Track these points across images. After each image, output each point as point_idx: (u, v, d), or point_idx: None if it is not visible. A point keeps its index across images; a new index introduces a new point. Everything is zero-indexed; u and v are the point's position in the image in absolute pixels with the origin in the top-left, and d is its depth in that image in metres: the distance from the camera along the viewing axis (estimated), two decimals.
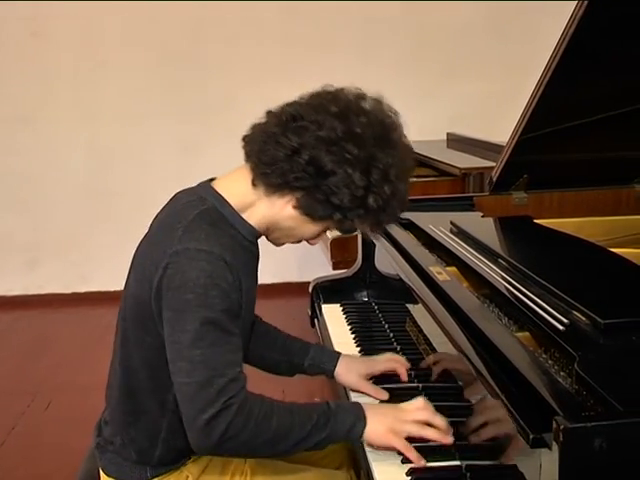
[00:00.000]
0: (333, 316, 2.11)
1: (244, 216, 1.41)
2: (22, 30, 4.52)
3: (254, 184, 1.38)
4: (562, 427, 0.90)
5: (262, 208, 1.40)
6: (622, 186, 2.17)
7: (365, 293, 2.20)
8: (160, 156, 4.62)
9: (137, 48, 4.56)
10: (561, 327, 1.20)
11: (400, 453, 1.35)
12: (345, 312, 2.12)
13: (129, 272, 1.47)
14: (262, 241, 1.49)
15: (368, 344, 1.89)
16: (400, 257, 1.80)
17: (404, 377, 1.62)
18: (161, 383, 1.39)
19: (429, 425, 1.36)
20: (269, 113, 1.39)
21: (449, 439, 1.34)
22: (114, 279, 4.89)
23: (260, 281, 1.72)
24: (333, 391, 1.85)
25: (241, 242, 1.40)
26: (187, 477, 1.49)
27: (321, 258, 4.28)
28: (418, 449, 1.36)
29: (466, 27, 4.61)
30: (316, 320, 2.17)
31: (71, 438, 2.90)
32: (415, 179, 3.15)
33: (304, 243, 1.51)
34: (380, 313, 2.07)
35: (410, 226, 2.03)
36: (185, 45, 4.56)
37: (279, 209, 1.38)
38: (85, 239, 4.75)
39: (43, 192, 4.72)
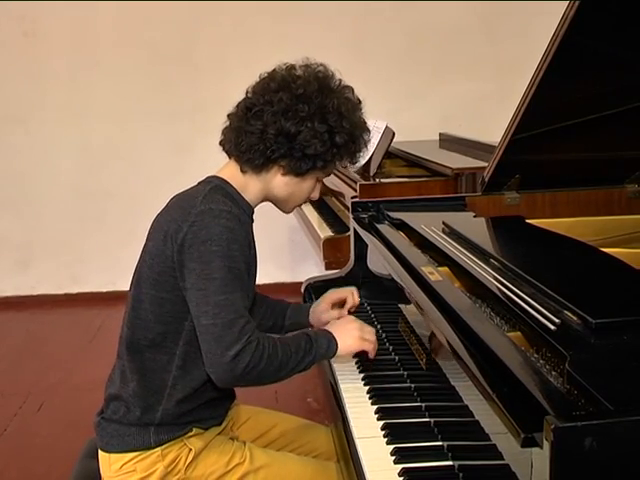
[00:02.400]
0: None
1: (243, 194, 1.63)
2: (14, 30, 4.51)
3: (243, 171, 1.63)
4: (553, 426, 0.90)
5: (257, 184, 1.64)
6: (613, 186, 2.17)
7: (358, 293, 2.20)
8: (152, 156, 4.61)
9: (129, 48, 4.55)
10: (552, 327, 1.20)
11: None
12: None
13: (145, 243, 1.62)
14: (255, 238, 1.55)
15: None
16: (392, 257, 1.80)
17: (349, 306, 1.91)
18: (173, 337, 1.56)
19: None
20: (229, 115, 1.65)
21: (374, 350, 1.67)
22: (106, 280, 4.92)
23: None
24: (325, 390, 1.86)
25: (241, 215, 1.59)
26: (190, 450, 1.58)
27: (314, 258, 4.28)
28: (410, 449, 1.36)
29: (458, 27, 4.62)
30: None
31: (64, 439, 2.90)
32: (407, 179, 3.15)
33: (296, 243, 1.60)
34: (372, 313, 2.07)
35: (402, 226, 2.04)
36: (177, 45, 4.55)
37: (271, 181, 1.64)
38: (77, 240, 4.74)
39: (35, 192, 4.72)
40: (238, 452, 1.63)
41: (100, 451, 1.61)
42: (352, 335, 1.65)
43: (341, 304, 1.91)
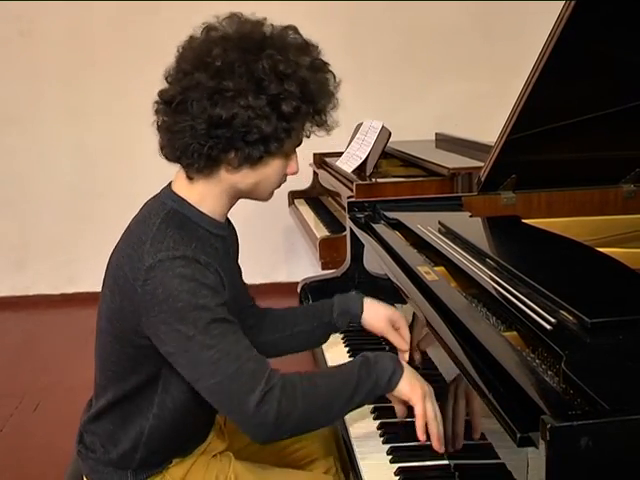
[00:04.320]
0: None
1: (204, 209, 1.38)
2: (10, 30, 4.50)
3: (190, 178, 1.36)
4: (549, 426, 0.90)
5: (214, 192, 1.38)
6: (609, 186, 2.17)
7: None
8: (148, 157, 4.56)
9: (126, 48, 4.54)
10: (548, 326, 1.21)
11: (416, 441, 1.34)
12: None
13: (103, 283, 1.43)
14: (251, 238, 1.49)
15: (357, 344, 1.90)
16: (388, 257, 1.80)
17: (404, 358, 1.57)
18: (145, 389, 1.40)
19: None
20: (156, 111, 1.37)
21: (442, 448, 1.33)
22: (102, 280, 4.89)
23: (249, 281, 1.71)
24: None
25: (209, 240, 1.38)
26: None
27: (310, 258, 4.28)
28: (406, 449, 1.36)
29: (454, 27, 4.62)
30: None
31: (59, 440, 2.88)
32: (404, 179, 3.16)
33: (292, 243, 1.52)
34: None
35: (398, 226, 2.04)
36: (173, 45, 4.54)
37: (227, 181, 1.36)
38: (73, 240, 4.73)
39: (30, 193, 4.71)
40: (222, 473, 1.49)
41: (84, 477, 1.53)
42: (422, 383, 1.36)
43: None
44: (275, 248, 4.81)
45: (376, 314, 1.62)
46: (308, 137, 1.40)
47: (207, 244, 1.36)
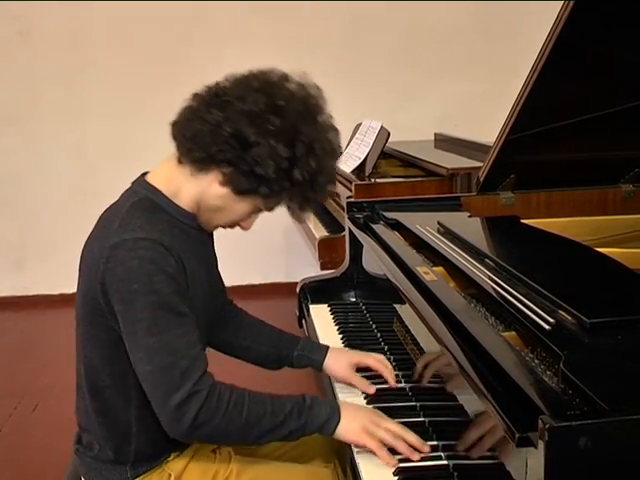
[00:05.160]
0: (321, 316, 2.10)
1: (177, 202, 1.42)
2: (9, 30, 4.50)
3: (180, 162, 1.40)
4: (547, 426, 0.90)
5: (190, 189, 1.41)
6: (608, 186, 2.18)
7: (353, 293, 2.20)
8: (148, 157, 4.57)
9: (125, 48, 4.54)
10: (547, 326, 1.21)
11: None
12: (333, 312, 2.12)
13: (79, 272, 1.46)
14: (250, 238, 1.50)
15: (356, 344, 1.89)
16: (387, 257, 1.80)
17: (390, 382, 1.61)
18: (122, 379, 1.41)
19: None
20: (195, 95, 1.42)
21: (416, 456, 1.34)
22: None
23: (248, 282, 1.71)
24: (318, 383, 1.85)
25: (179, 226, 1.41)
26: (169, 475, 1.48)
27: (309, 258, 4.27)
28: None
29: (453, 27, 4.62)
30: (304, 320, 2.17)
31: (58, 440, 2.88)
32: (403, 179, 3.16)
33: (292, 243, 1.52)
34: (368, 313, 2.07)
35: (397, 226, 2.04)
36: (172, 45, 4.54)
37: (206, 187, 1.39)
38: (72, 240, 4.68)
39: (29, 193, 4.70)
40: (222, 467, 1.50)
41: (82, 477, 1.54)
42: (360, 424, 1.37)
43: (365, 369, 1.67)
44: (274, 248, 4.80)
45: (337, 362, 1.66)
46: (271, 210, 1.45)
47: (176, 229, 1.40)
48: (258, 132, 1.31)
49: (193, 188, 1.41)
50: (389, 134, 3.20)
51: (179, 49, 4.54)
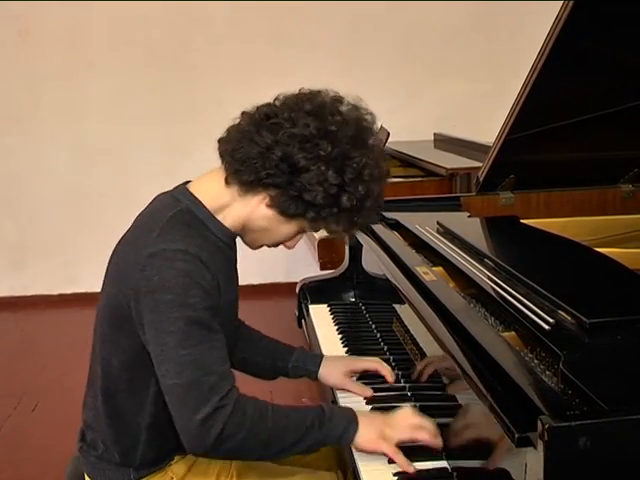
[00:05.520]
0: (320, 316, 2.11)
1: (219, 217, 1.41)
2: (8, 30, 4.49)
3: (227, 182, 1.38)
4: (547, 426, 0.90)
5: (237, 208, 1.40)
6: (607, 186, 2.18)
7: (352, 293, 2.20)
8: (146, 157, 4.60)
9: (124, 48, 4.54)
10: (546, 326, 1.21)
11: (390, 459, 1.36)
12: (332, 312, 2.12)
13: (106, 273, 1.46)
14: (243, 245, 1.50)
15: (355, 344, 1.90)
16: (387, 257, 1.80)
17: (389, 378, 1.62)
18: (139, 385, 1.40)
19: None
20: (244, 114, 1.40)
21: (439, 441, 1.35)
22: (100, 280, 4.86)
23: (247, 282, 1.71)
24: (320, 392, 1.85)
25: (216, 243, 1.40)
26: (172, 478, 1.49)
27: (308, 259, 4.27)
28: (405, 450, 1.36)
29: (453, 27, 4.62)
30: (303, 321, 2.17)
31: (58, 440, 2.88)
32: (402, 179, 3.16)
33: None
34: (367, 313, 2.07)
35: (397, 226, 2.04)
36: (172, 46, 4.54)
37: (253, 208, 1.38)
38: (71, 240, 4.73)
39: (29, 193, 4.70)
40: (224, 471, 1.51)
41: (85, 475, 1.54)
42: (377, 431, 1.37)
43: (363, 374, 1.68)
44: (273, 248, 4.80)
45: (331, 371, 1.66)
46: (317, 231, 1.48)
47: (212, 247, 1.38)
48: (308, 157, 1.30)
49: (240, 208, 1.40)
50: (388, 134, 3.19)
51: (178, 49, 4.54)
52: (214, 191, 1.41)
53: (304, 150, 1.30)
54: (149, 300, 1.29)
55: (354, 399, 1.61)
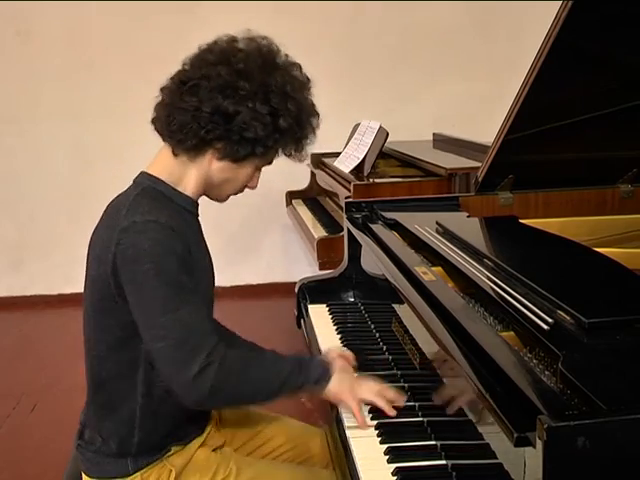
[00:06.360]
0: (319, 316, 2.11)
1: (179, 189, 1.49)
2: (7, 29, 4.49)
3: (175, 154, 1.47)
4: (546, 426, 0.90)
5: (193, 174, 1.48)
6: (606, 186, 2.18)
7: (351, 293, 2.20)
8: (146, 157, 4.58)
9: (123, 48, 4.54)
10: (545, 326, 1.21)
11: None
12: (331, 312, 2.12)
13: (86, 265, 1.52)
14: (249, 238, 1.52)
15: (354, 344, 1.89)
16: (386, 257, 1.80)
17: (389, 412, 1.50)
18: (129, 365, 1.45)
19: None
20: (162, 89, 1.51)
21: (393, 412, 1.46)
22: None
23: (247, 282, 1.72)
24: None
25: (182, 213, 1.47)
26: (170, 470, 1.50)
27: (307, 258, 4.28)
28: (404, 449, 1.37)
29: (452, 27, 4.62)
30: (302, 320, 2.17)
31: (57, 440, 2.89)
32: (401, 179, 3.16)
33: (290, 243, 1.54)
34: (366, 313, 2.07)
35: (396, 226, 2.04)
36: (171, 45, 4.54)
37: (207, 167, 1.47)
38: (70, 240, 4.71)
39: (28, 193, 4.70)
40: (222, 465, 1.53)
41: (83, 474, 1.55)
42: (349, 385, 1.47)
43: None
44: (273, 248, 4.80)
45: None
46: (271, 163, 1.54)
47: (180, 217, 1.45)
48: (234, 101, 1.38)
49: (195, 172, 1.48)
50: (387, 134, 3.20)
51: (177, 49, 4.52)
52: (168, 167, 1.49)
53: (227, 97, 1.38)
54: (127, 272, 1.36)
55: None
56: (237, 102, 1.38)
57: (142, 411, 1.47)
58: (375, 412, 1.56)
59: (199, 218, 1.57)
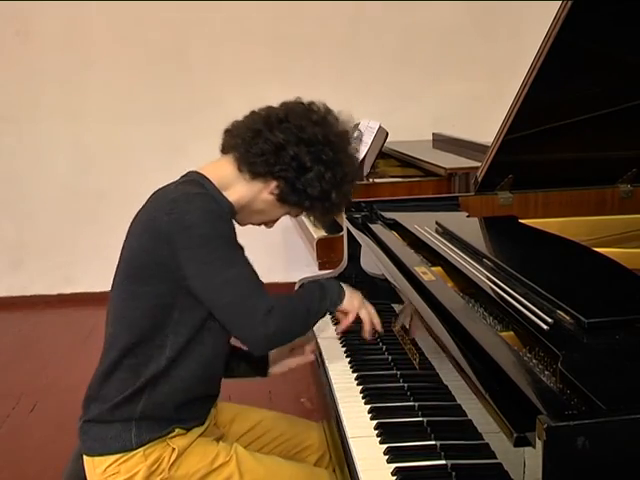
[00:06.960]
0: None
1: (224, 194, 1.59)
2: (6, 29, 4.49)
3: (240, 170, 1.59)
4: (545, 426, 0.90)
5: (242, 190, 1.60)
6: (606, 186, 2.18)
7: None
8: (146, 156, 4.60)
9: (123, 48, 4.54)
10: (545, 326, 1.21)
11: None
12: (331, 312, 2.11)
13: (124, 244, 1.59)
14: (248, 239, 1.54)
15: (354, 344, 1.90)
16: (385, 257, 1.80)
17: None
18: (161, 329, 1.53)
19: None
20: (253, 112, 1.62)
21: (369, 336, 1.66)
22: (99, 280, 4.89)
23: None
24: (318, 392, 1.86)
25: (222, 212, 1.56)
26: (173, 449, 1.55)
27: (307, 258, 4.28)
28: (403, 449, 1.37)
29: (451, 27, 4.62)
30: None
31: (57, 440, 2.89)
32: (401, 179, 3.16)
33: (290, 243, 1.59)
34: None
35: (395, 226, 2.04)
36: (171, 45, 4.54)
37: (257, 192, 1.60)
38: (70, 240, 4.73)
39: (28, 192, 4.70)
40: (223, 451, 1.59)
41: (85, 456, 1.58)
42: (358, 298, 1.66)
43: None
44: (272, 248, 4.80)
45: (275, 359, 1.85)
46: (297, 216, 1.76)
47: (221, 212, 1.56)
48: (313, 159, 1.55)
49: (246, 190, 1.60)
50: (387, 134, 3.19)
51: (178, 49, 4.54)
52: (223, 175, 1.60)
53: (310, 153, 1.55)
54: (182, 239, 1.46)
55: (352, 397, 1.63)
56: (315, 161, 1.55)
57: (160, 374, 1.53)
58: (375, 412, 1.57)
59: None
